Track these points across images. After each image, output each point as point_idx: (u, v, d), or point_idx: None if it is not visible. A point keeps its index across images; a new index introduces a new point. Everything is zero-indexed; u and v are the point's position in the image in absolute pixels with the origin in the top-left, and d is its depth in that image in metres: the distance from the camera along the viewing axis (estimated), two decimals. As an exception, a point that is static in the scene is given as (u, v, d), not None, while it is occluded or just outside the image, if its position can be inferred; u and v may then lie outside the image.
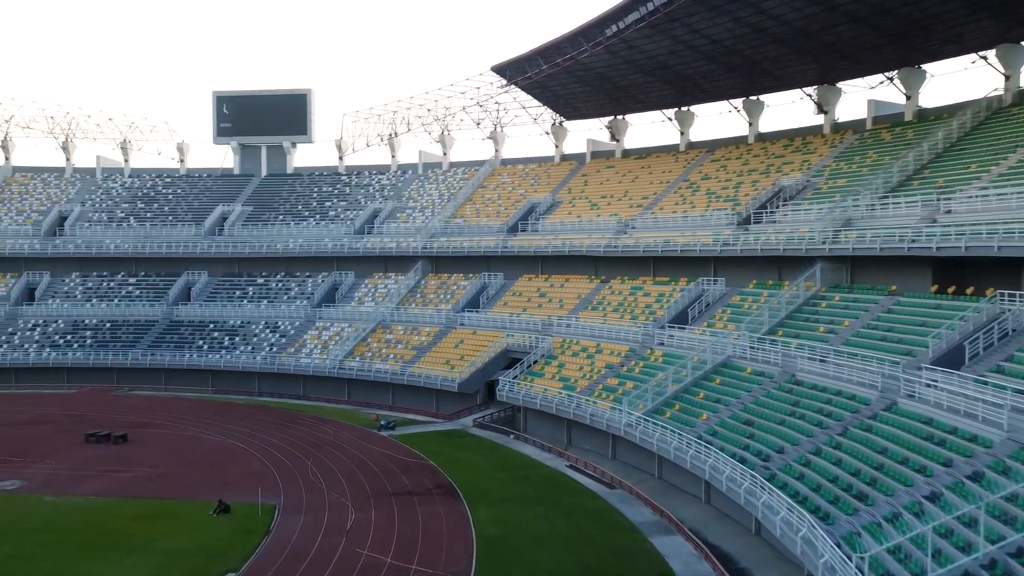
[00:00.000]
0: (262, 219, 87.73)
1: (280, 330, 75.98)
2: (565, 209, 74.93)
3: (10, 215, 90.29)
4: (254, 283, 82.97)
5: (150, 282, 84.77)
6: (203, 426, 56.45)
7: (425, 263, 78.16)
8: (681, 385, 46.78)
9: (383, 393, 66.44)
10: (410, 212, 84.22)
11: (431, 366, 64.29)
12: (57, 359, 75.31)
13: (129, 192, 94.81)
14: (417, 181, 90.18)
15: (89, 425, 56.47)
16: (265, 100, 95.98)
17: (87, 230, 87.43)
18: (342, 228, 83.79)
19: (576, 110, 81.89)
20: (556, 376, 55.93)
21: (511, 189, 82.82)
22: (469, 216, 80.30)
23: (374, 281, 79.43)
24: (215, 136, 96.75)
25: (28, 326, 79.50)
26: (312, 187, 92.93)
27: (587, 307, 63.17)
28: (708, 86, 71.10)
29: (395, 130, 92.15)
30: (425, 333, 69.58)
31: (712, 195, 64.13)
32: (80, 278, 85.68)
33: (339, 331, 73.45)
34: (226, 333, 76.83)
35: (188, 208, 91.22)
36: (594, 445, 50.61)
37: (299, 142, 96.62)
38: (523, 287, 70.83)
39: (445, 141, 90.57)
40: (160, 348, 75.63)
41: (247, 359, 72.41)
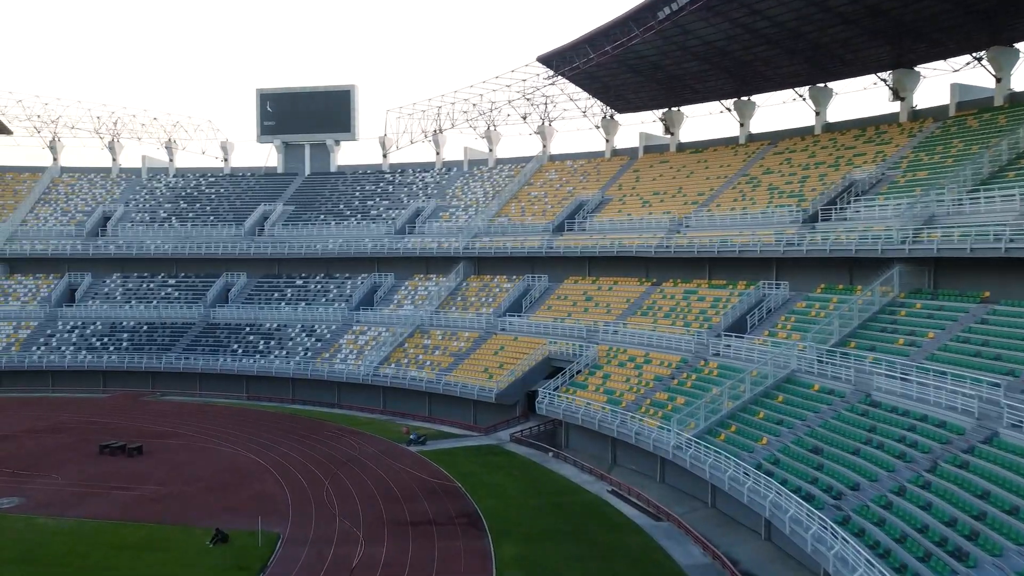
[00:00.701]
0: (303, 219, 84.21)
1: (316, 334, 72.13)
2: (615, 207, 69.45)
3: (55, 215, 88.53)
4: (293, 285, 79.39)
5: (189, 283, 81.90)
6: (225, 437, 52.66)
7: (467, 264, 73.49)
8: (738, 403, 41.07)
9: (419, 402, 61.93)
10: (453, 211, 79.67)
11: (468, 375, 59.53)
12: (92, 362, 72.72)
13: (172, 192, 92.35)
14: (462, 179, 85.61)
15: (110, 433, 53.31)
16: (308, 97, 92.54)
17: (129, 231, 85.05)
18: (383, 228, 79.69)
19: (627, 102, 76.30)
20: (600, 388, 50.63)
21: (558, 186, 77.64)
22: (514, 215, 75.37)
23: (414, 283, 75.06)
24: (258, 134, 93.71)
25: (67, 328, 77.23)
26: (355, 185, 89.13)
27: (636, 312, 57.68)
28: (770, 73, 64.92)
29: (439, 126, 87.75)
30: (464, 339, 64.87)
31: (775, 190, 58.02)
32: (120, 279, 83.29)
33: (376, 335, 69.24)
34: (262, 336, 73.33)
35: (230, 208, 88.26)
36: (641, 465, 45.21)
37: (343, 140, 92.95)
38: (569, 290, 65.61)
39: (491, 137, 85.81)
40: (195, 352, 72.46)
41: (281, 364, 68.69)
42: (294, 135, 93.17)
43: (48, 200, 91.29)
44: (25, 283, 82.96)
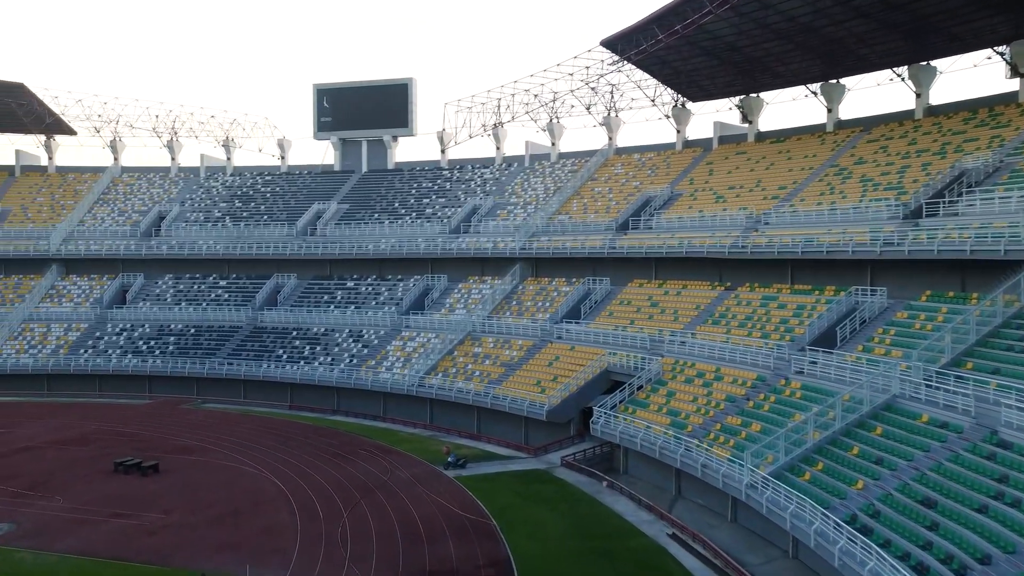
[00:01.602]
0: (356, 218, 79.41)
1: (364, 339, 67.00)
2: (685, 203, 62.21)
3: (112, 215, 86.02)
4: (343, 287, 74.58)
5: (239, 285, 78.01)
6: (252, 453, 47.77)
7: (523, 266, 67.28)
8: (827, 434, 33.78)
9: (467, 417, 56.00)
10: (511, 209, 73.55)
11: (519, 387, 53.30)
12: (136, 367, 69.27)
13: (228, 191, 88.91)
14: (522, 174, 79.42)
15: (136, 445, 49.17)
16: (365, 91, 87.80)
17: (182, 231, 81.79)
18: (437, 227, 74.14)
19: (701, 89, 68.84)
20: (664, 408, 43.74)
21: (623, 181, 70.70)
22: (575, 212, 68.79)
23: (468, 285, 69.22)
24: (315, 131, 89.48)
25: (115, 330, 74.15)
26: (411, 183, 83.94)
27: (707, 320, 50.50)
28: (864, 51, 56.88)
29: (499, 119, 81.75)
30: (517, 347, 58.66)
31: (868, 183, 50.08)
32: (172, 280, 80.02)
33: (425, 342, 63.65)
34: (308, 342, 68.63)
35: (284, 207, 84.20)
36: (709, 500, 38.23)
37: (400, 135, 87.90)
38: (632, 294, 58.72)
39: (553, 129, 79.34)
40: (239, 357, 68.26)
41: (324, 372, 63.77)
42: (351, 131, 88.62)
43: (107, 200, 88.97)
44: (79, 284, 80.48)
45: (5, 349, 72.18)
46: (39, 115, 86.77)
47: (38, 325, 75.17)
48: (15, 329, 74.56)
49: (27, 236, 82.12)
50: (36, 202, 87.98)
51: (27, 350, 72.05)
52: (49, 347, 72.37)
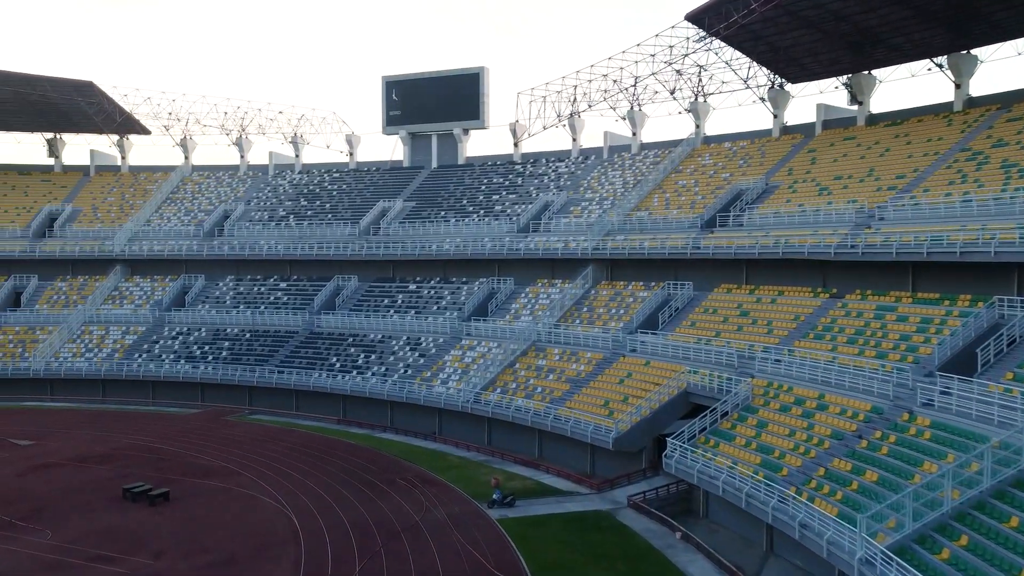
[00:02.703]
0: (422, 216, 73.24)
1: (421, 348, 60.58)
2: (782, 196, 53.27)
3: (178, 215, 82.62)
4: (405, 289, 68.45)
5: (299, 287, 72.97)
6: (278, 480, 41.88)
7: (596, 268, 59.51)
8: (972, 494, 25.03)
9: (527, 440, 48.78)
10: (586, 205, 65.85)
11: (585, 408, 45.67)
12: (187, 374, 64.91)
13: (295, 189, 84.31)
14: (600, 167, 71.56)
15: (159, 466, 44.19)
16: (435, 82, 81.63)
17: (245, 230, 77.46)
18: (505, 226, 67.13)
19: (801, 67, 59.56)
20: (753, 443, 35.41)
21: (711, 173, 62.02)
22: (656, 208, 60.57)
23: (535, 289, 61.91)
24: (384, 125, 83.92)
25: (172, 334, 70.19)
26: (481, 178, 77.25)
27: (807, 334, 41.73)
28: (999, 15, 47.04)
29: (576, 108, 74.11)
30: (585, 360, 51.01)
31: (1012, 168, 40.40)
32: (233, 282, 75.73)
33: (485, 352, 56.70)
34: (363, 349, 62.72)
35: (349, 205, 78.88)
36: (809, 562, 29.82)
37: (471, 128, 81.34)
38: (718, 302, 50.25)
39: (634, 118, 71.13)
40: (291, 365, 62.96)
41: (376, 384, 57.63)
42: (420, 125, 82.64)
43: (175, 200, 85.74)
44: (142, 285, 77.17)
45: (63, 352, 69.16)
46: (109, 114, 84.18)
47: (97, 328, 71.99)
48: (75, 331, 71.57)
49: (93, 236, 79.44)
50: (106, 202, 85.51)
51: (84, 354, 68.82)
52: (105, 351, 68.92)
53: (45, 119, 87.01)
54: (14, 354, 69.02)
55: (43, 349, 68.83)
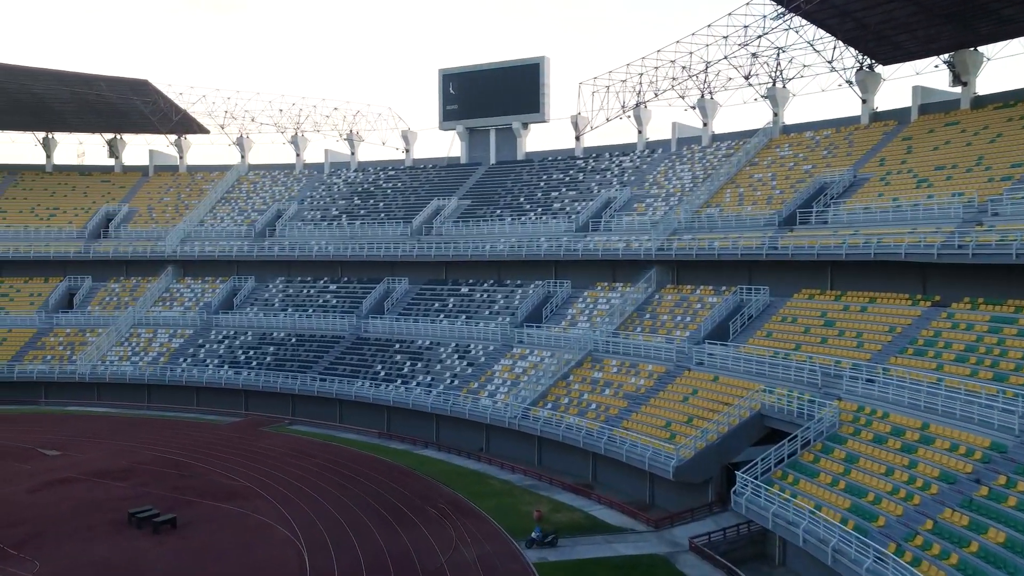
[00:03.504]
0: (477, 214, 68.53)
1: (470, 356, 55.80)
2: (873, 189, 46.52)
3: (232, 215, 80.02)
4: (457, 292, 63.81)
5: (349, 289, 69.16)
6: (301, 504, 37.70)
7: (660, 270, 53.64)
8: None
9: (580, 462, 43.42)
10: (651, 201, 59.98)
11: (643, 429, 40.03)
12: (230, 380, 61.65)
13: (349, 188, 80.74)
14: (667, 161, 65.51)
15: (177, 484, 40.63)
16: (493, 74, 76.80)
17: (296, 230, 74.20)
18: (563, 224, 61.80)
19: (894, 46, 52.48)
20: (840, 482, 29.31)
21: (791, 165, 55.42)
22: (728, 204, 54.35)
23: (594, 294, 56.41)
24: (441, 121, 79.55)
25: (218, 337, 67.25)
26: (541, 174, 72.07)
27: (905, 349, 35.26)
28: None
29: (641, 98, 68.20)
30: (646, 374, 45.30)
31: None
32: (283, 283, 72.49)
33: (537, 362, 51.52)
34: (409, 356, 58.31)
35: (403, 204, 74.77)
36: (914, 640, 23.61)
37: (531, 122, 76.23)
38: (798, 309, 43.89)
39: (705, 107, 64.79)
40: (335, 372, 59.00)
41: (419, 395, 53.05)
42: (478, 119, 77.93)
43: (230, 199, 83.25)
44: (193, 287, 74.68)
45: (110, 356, 66.95)
46: (165, 113, 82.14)
47: (145, 330, 69.64)
48: (123, 334, 69.35)
49: (146, 237, 77.48)
50: (162, 202, 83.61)
51: (130, 357, 66.45)
52: (151, 355, 66.39)
53: (105, 120, 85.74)
54: (63, 357, 67.15)
55: (90, 352, 66.74)
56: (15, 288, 75.53)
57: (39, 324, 71.01)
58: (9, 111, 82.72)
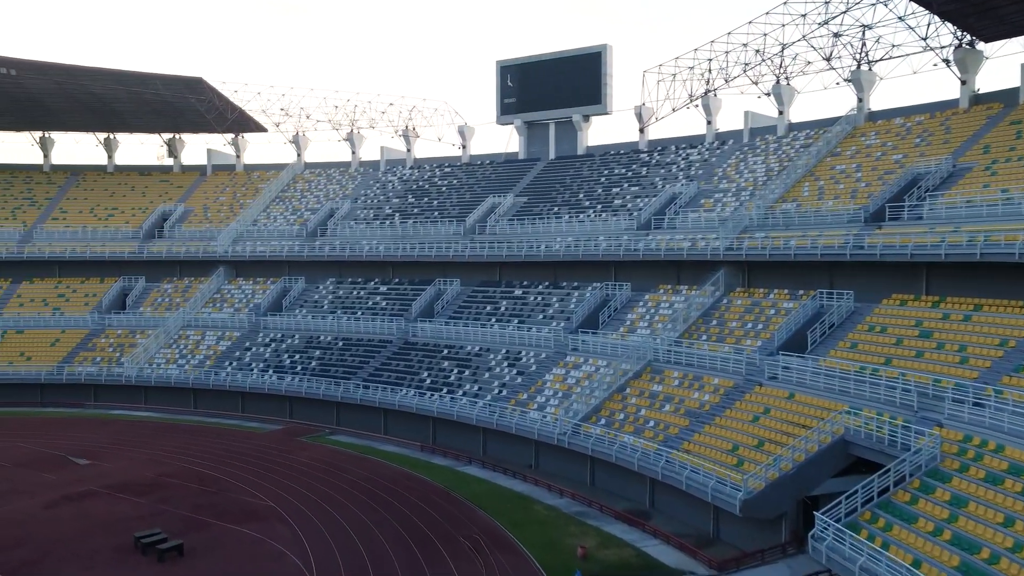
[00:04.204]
0: (534, 212, 64.23)
1: (520, 364, 51.51)
2: (976, 180, 40.39)
3: (285, 215, 77.70)
4: (510, 295, 59.61)
5: (400, 291, 65.71)
6: (319, 532, 34.17)
7: (729, 272, 48.31)
8: None
9: (637, 486, 38.65)
10: (719, 196, 54.64)
11: (707, 452, 35.05)
12: (272, 385, 58.82)
13: (404, 185, 77.46)
14: (738, 153, 59.93)
15: (199, 501, 37.70)
16: (553, 64, 72.35)
17: (348, 230, 71.25)
18: (623, 222, 56.94)
19: (998, 19, 46.03)
20: (945, 531, 23.92)
21: (879, 155, 49.35)
22: (806, 198, 48.68)
23: (656, 297, 51.40)
24: (498, 115, 75.51)
25: (265, 340, 64.67)
26: (602, 169, 67.29)
27: (1021, 367, 29.36)
28: None
29: (711, 86, 62.75)
30: (711, 388, 40.21)
31: None
32: (333, 284, 69.58)
33: (592, 372, 46.89)
34: (457, 363, 54.37)
35: (458, 202, 71.02)
36: None
37: (592, 114, 71.45)
38: (888, 317, 38.14)
39: (781, 93, 58.96)
40: (379, 379, 55.49)
41: (465, 406, 49.00)
42: (537, 113, 73.62)
43: (284, 198, 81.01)
44: (244, 288, 72.47)
45: (157, 358, 65.02)
46: (221, 111, 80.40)
47: (194, 332, 67.61)
48: (172, 336, 67.46)
49: (199, 237, 75.71)
50: (217, 202, 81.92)
51: (176, 360, 64.41)
52: (198, 357, 64.21)
53: (163, 119, 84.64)
54: (111, 359, 65.57)
55: (138, 354, 64.96)
56: (71, 288, 74.66)
57: (91, 325, 69.78)
58: (71, 112, 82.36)
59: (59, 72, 73.91)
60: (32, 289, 74.45)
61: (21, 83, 75.06)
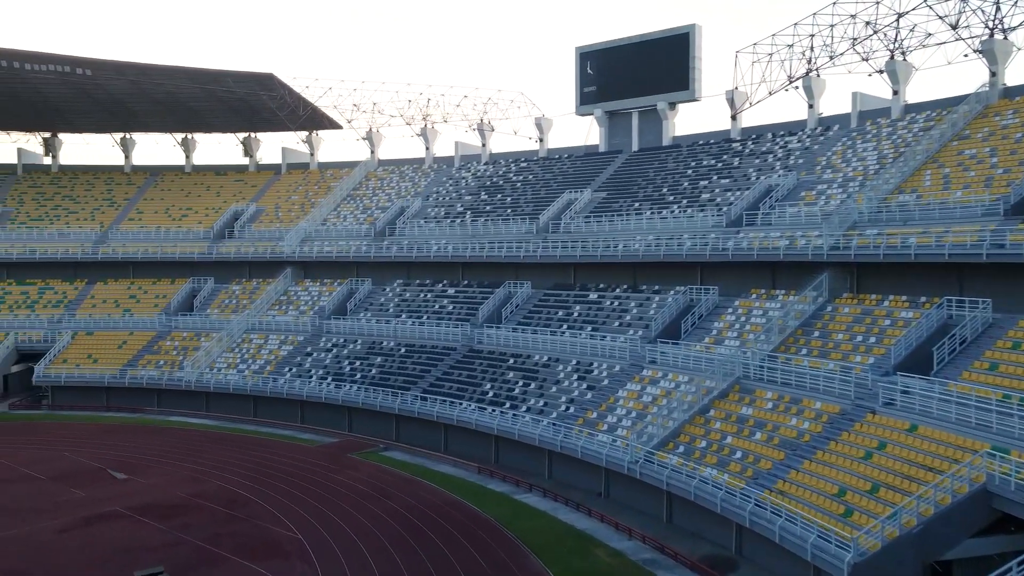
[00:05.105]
0: (612, 208, 58.36)
1: (591, 377, 45.73)
2: None
3: (355, 214, 74.26)
4: (584, 299, 53.91)
5: (468, 294, 60.94)
6: (344, 574, 29.11)
7: (834, 274, 41.22)
8: None
9: (721, 529, 32.33)
10: (823, 188, 47.44)
11: (806, 496, 28.52)
12: (329, 395, 54.91)
13: (478, 182, 72.78)
14: (845, 139, 52.39)
15: (225, 528, 33.76)
16: (636, 49, 66.13)
17: (417, 229, 67.08)
18: (711, 218, 50.39)
19: None
20: None
21: (1018, 136, 41.30)
22: (928, 189, 41.12)
23: (747, 303, 44.72)
24: (577, 105, 69.82)
25: (327, 345, 61.04)
26: (689, 160, 60.71)
27: None
28: None
29: (813, 65, 55.35)
30: (812, 414, 33.49)
31: None
32: (400, 287, 65.46)
33: (671, 388, 40.69)
34: (523, 375, 49.05)
35: (532, 198, 65.81)
36: None
37: (679, 101, 64.81)
38: (1040, 332, 30.58)
39: (896, 70, 51.07)
40: (440, 390, 50.75)
41: (528, 424, 43.60)
42: (619, 101, 67.54)
43: (355, 196, 77.66)
44: (310, 289, 69.28)
45: (218, 362, 62.29)
46: (293, 108, 77.69)
47: (257, 336, 64.68)
48: (235, 339, 64.70)
49: (268, 237, 73.09)
50: (289, 201, 79.31)
51: (237, 364, 61.48)
52: (259, 362, 61.12)
53: (239, 118, 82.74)
54: (174, 362, 63.25)
55: (199, 358, 62.36)
56: (143, 289, 73.21)
57: (158, 327, 67.86)
58: (151, 113, 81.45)
59: (134, 71, 72.62)
60: (106, 290, 73.37)
61: (100, 84, 74.26)
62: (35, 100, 77.34)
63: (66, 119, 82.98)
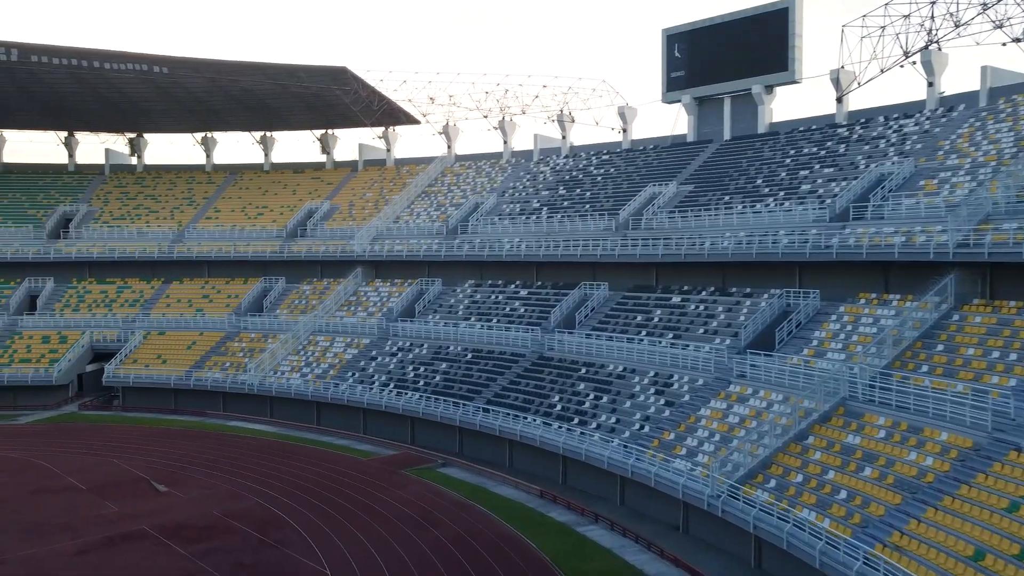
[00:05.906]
0: (700, 202, 52.60)
1: (671, 391, 40.24)
2: None
3: (428, 211, 70.75)
4: (666, 303, 48.35)
5: (541, 296, 56.29)
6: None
7: (962, 277, 34.54)
8: None
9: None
10: (946, 176, 40.47)
11: (930, 557, 22.52)
12: (390, 403, 51.23)
13: (556, 176, 68.04)
14: (973, 120, 45.00)
15: (253, 557, 30.06)
16: (728, 28, 60.00)
17: (490, 226, 62.95)
18: (813, 212, 44.04)
19: None
20: None
21: None
22: (1082, 173, 33.77)
23: (855, 309, 38.30)
24: (664, 91, 64.07)
25: (392, 349, 57.54)
26: (788, 148, 54.23)
27: None
28: None
29: (932, 36, 48.09)
30: (936, 447, 27.22)
31: None
32: (471, 288, 61.41)
33: (761, 409, 34.86)
34: (594, 386, 43.98)
35: (613, 192, 60.62)
36: None
37: (777, 83, 58.31)
38: None
39: (1036, 37, 43.43)
40: (505, 401, 46.28)
41: (596, 444, 38.54)
42: (709, 87, 61.51)
43: (430, 193, 74.17)
44: (380, 290, 66.11)
45: (283, 365, 59.69)
46: (367, 103, 74.86)
47: (323, 338, 61.84)
48: (302, 341, 62.04)
49: (340, 236, 70.42)
50: (364, 198, 76.58)
51: (301, 368, 58.70)
52: (323, 366, 58.17)
53: (316, 114, 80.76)
54: (239, 365, 61.05)
55: (263, 361, 59.94)
56: (216, 289, 71.75)
57: (227, 328, 66.03)
58: (231, 111, 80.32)
59: (209, 68, 71.20)
60: (180, 290, 72.29)
61: (178, 81, 73.27)
62: (118, 100, 77.25)
63: (150, 119, 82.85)
